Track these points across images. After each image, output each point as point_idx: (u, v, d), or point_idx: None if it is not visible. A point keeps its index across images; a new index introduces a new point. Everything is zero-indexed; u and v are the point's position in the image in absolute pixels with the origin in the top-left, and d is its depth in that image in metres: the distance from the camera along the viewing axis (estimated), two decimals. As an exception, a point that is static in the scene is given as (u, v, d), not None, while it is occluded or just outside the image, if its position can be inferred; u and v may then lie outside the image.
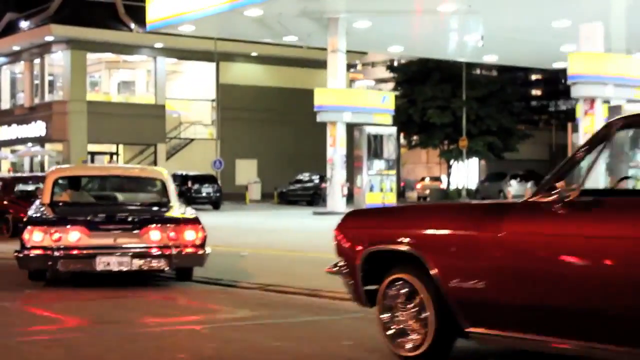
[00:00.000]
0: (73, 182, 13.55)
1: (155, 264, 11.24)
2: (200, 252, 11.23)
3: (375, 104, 29.84)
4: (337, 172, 28.48)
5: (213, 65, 49.05)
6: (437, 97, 47.70)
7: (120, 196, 14.35)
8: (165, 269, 11.44)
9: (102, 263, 11.05)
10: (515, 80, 55.72)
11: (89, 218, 11.26)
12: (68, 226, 11.17)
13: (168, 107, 48.35)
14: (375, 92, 31.13)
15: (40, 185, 23.31)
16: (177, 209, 12.48)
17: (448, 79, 48.48)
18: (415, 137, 51.43)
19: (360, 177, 29.05)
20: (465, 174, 53.51)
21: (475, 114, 47.81)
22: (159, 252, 11.21)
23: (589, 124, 24.80)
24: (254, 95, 49.95)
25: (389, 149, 29.70)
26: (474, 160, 56.15)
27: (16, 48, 47.95)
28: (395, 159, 30.57)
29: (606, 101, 25.56)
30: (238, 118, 48.01)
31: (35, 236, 11.13)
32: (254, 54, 49.68)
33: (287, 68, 51.08)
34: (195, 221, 11.47)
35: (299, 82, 51.51)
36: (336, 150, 28.56)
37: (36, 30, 45.36)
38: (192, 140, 49.04)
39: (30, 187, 22.97)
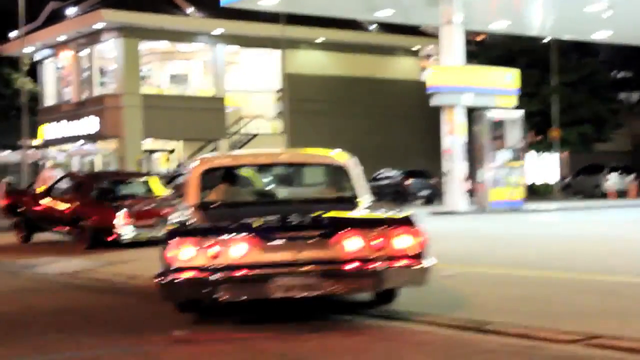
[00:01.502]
0: (226, 176, 9.74)
1: (354, 285, 7.98)
2: (418, 265, 7.97)
3: (499, 83, 25.37)
4: (456, 165, 24.03)
5: (274, 53, 44.97)
6: (524, 84, 43.03)
7: (283, 191, 10.69)
8: (371, 291, 8.39)
9: (280, 287, 7.82)
10: (603, 65, 50.82)
11: (259, 224, 7.99)
12: (231, 236, 7.86)
13: (227, 101, 44.10)
14: (498, 70, 26.47)
15: (132, 186, 19.47)
16: (375, 206, 9.14)
17: (534, 63, 43.99)
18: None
19: (482, 170, 24.57)
20: (543, 167, 49.12)
21: (568, 101, 43.26)
22: (360, 268, 7.84)
23: None
24: (321, 85, 45.78)
25: (515, 137, 25.23)
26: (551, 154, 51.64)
27: (61, 38, 43.93)
28: (522, 148, 26.06)
29: None
30: (304, 110, 43.74)
31: (185, 252, 7.82)
32: (319, 40, 45.41)
33: (355, 55, 46.92)
34: (408, 222, 8.10)
35: (369, 70, 47.32)
36: (455, 139, 24.13)
37: (85, 17, 41.39)
38: (255, 135, 44.76)
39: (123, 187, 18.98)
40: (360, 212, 8.93)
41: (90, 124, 42.14)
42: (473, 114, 25.36)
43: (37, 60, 47.51)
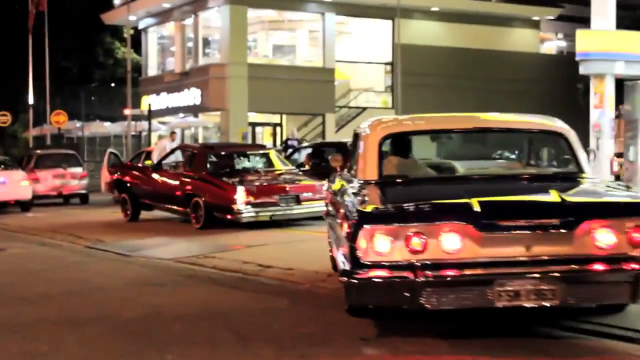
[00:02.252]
0: (399, 145, 7.90)
1: (605, 293, 5.91)
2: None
3: (657, 50, 22.31)
4: (604, 142, 21.23)
5: (385, 23, 42.46)
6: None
7: (471, 165, 8.67)
8: (627, 302, 6.28)
9: (505, 294, 5.83)
10: None
11: (475, 207, 5.94)
12: (438, 222, 5.97)
13: (337, 74, 41.76)
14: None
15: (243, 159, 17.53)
16: (613, 186, 7.71)
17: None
18: None
19: (635, 148, 21.66)
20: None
21: None
22: (616, 271, 5.81)
23: None
24: (434, 57, 43.05)
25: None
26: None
27: (166, 5, 42.21)
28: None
29: None
30: (417, 84, 41.11)
31: (381, 243, 5.93)
32: (434, 8, 42.68)
33: (471, 26, 43.96)
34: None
35: (485, 42, 44.35)
36: (604, 112, 21.32)
37: (191, -17, 39.48)
38: (364, 109, 42.38)
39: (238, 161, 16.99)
40: (605, 193, 6.65)
41: (193, 95, 40.39)
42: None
43: (140, 29, 45.98)
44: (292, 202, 15.25)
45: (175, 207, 16.61)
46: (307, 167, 17.48)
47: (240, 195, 14.85)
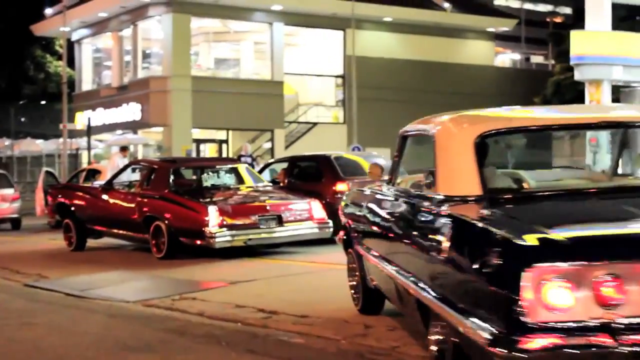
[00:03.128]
0: (486, 147, 5.27)
1: None
2: None
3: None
4: (602, 157, 19.24)
5: (336, 34, 40.38)
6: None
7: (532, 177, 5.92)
8: None
9: None
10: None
11: None
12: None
13: (285, 88, 39.39)
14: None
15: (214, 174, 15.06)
16: None
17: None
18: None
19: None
20: None
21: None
22: None
23: None
24: (388, 69, 41.05)
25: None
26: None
27: (102, 15, 39.38)
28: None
29: None
30: (370, 98, 38.99)
31: (555, 293, 3.64)
32: (387, 19, 40.68)
33: (425, 37, 42.13)
34: None
35: (440, 54, 42.53)
36: (601, 122, 19.18)
37: (130, -10, 36.75)
38: (314, 124, 40.09)
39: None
40: None
41: (132, 110, 37.59)
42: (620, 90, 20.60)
43: (74, 41, 42.98)
44: (274, 224, 12.81)
45: (130, 234, 14.01)
46: (282, 184, 15.02)
47: (213, 215, 12.35)
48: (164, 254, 13.01)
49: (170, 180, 13.67)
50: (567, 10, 50.05)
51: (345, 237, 8.19)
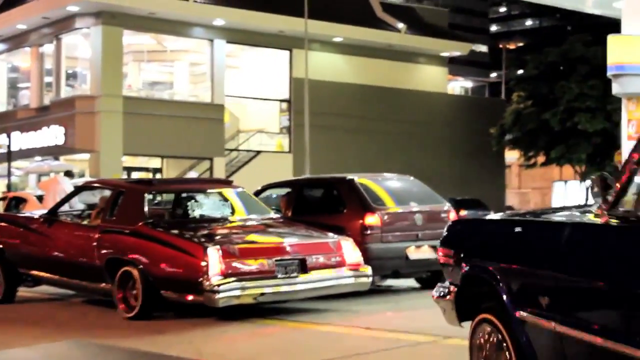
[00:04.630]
0: None
1: None
2: None
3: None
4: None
5: (282, 54, 36.99)
6: (585, 97, 35.68)
7: None
8: None
9: None
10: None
11: None
12: None
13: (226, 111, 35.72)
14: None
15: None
16: None
17: (596, 74, 36.51)
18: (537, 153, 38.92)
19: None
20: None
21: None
22: None
23: None
24: (337, 94, 37.81)
25: None
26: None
27: (21, 27, 35.11)
28: None
29: None
30: (317, 125, 35.35)
31: None
32: (337, 39, 37.46)
33: (377, 61, 39.04)
34: None
35: (392, 79, 39.46)
36: None
37: None
38: (258, 152, 36.43)
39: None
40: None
41: (54, 134, 33.29)
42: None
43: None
44: (295, 271, 9.13)
45: (84, 283, 10.16)
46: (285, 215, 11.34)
47: (215, 260, 8.63)
48: (137, 313, 9.23)
49: (145, 209, 9.83)
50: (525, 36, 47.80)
51: (459, 295, 5.48)
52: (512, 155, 43.61)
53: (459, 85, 46.95)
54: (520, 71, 39.70)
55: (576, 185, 44.64)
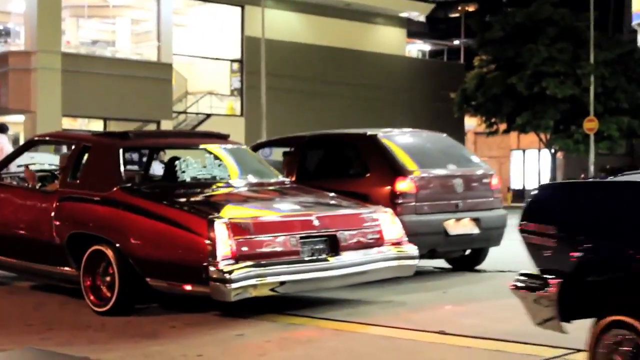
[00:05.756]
0: None
1: None
2: None
3: None
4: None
5: (233, 11, 34.51)
6: (554, 60, 33.91)
7: None
8: None
9: None
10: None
11: None
12: None
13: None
14: None
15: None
16: None
17: (566, 37, 34.90)
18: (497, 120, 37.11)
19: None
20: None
21: (602, 85, 34.31)
22: None
23: None
24: (290, 54, 35.38)
25: None
26: (543, 153, 43.08)
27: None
28: None
29: None
30: (271, 87, 32.95)
31: None
32: (291, -6, 35.09)
33: (333, 20, 36.78)
34: None
35: (349, 40, 37.29)
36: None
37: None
38: (208, 115, 33.94)
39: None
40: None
41: (-16, 93, 30.32)
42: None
43: None
44: (324, 251, 6.92)
45: (39, 266, 7.79)
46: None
47: (223, 237, 6.35)
48: (112, 306, 6.93)
49: (122, 171, 7.45)
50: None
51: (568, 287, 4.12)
52: (469, 123, 41.79)
53: (416, 49, 44.86)
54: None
55: (535, 155, 43.24)
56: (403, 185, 8.51)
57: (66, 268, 7.44)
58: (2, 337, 6.23)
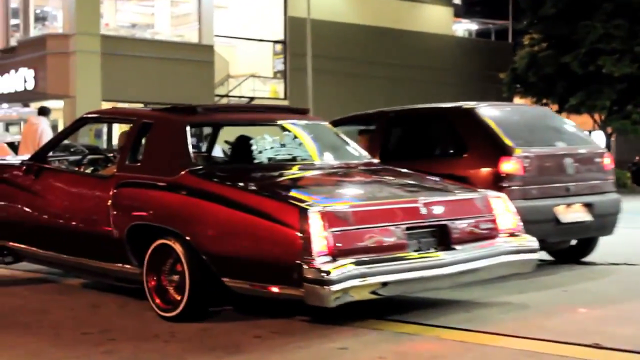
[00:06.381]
0: None
1: None
2: None
3: None
4: None
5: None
6: (611, 37, 32.40)
7: None
8: None
9: None
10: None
11: None
12: None
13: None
14: None
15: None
16: None
17: (622, 12, 33.31)
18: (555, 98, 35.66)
19: None
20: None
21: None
22: None
23: None
24: (334, 36, 34.27)
25: None
26: (595, 135, 41.28)
27: (-17, -42, 31.15)
28: None
29: None
30: (316, 69, 31.78)
31: None
32: (337, -25, 33.91)
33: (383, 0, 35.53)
34: None
35: (392, 20, 36.05)
36: None
37: None
38: (251, 99, 32.89)
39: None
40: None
41: (22, 78, 29.53)
42: None
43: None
44: (433, 244, 5.79)
45: (93, 262, 6.76)
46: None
47: (318, 229, 5.24)
48: (181, 311, 5.86)
49: (191, 151, 6.37)
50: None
51: None
52: (519, 103, 40.39)
53: (462, 28, 43.42)
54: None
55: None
56: (509, 165, 7.36)
57: (126, 265, 6.39)
58: (56, 349, 5.20)
